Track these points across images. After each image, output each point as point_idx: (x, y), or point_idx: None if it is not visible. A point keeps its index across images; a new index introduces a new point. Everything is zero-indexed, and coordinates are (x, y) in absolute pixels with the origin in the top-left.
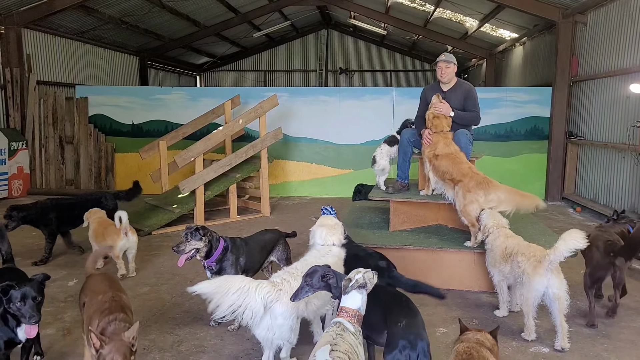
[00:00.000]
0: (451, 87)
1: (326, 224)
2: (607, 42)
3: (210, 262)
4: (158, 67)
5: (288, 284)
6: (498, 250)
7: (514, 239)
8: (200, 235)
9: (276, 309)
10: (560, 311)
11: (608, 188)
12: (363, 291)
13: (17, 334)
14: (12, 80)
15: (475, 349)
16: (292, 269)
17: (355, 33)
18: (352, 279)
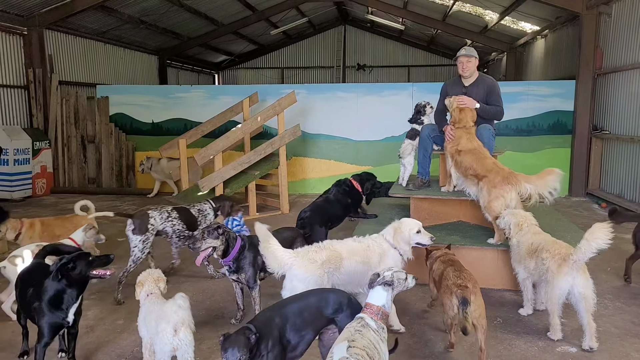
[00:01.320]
0: (473, 82)
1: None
2: (632, 34)
3: (227, 261)
4: (177, 66)
5: (314, 253)
6: (524, 246)
7: (542, 235)
8: (217, 233)
9: (293, 271)
10: (587, 310)
11: (634, 183)
12: (389, 289)
13: (67, 317)
14: (34, 81)
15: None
16: (327, 244)
17: (373, 29)
18: (380, 274)
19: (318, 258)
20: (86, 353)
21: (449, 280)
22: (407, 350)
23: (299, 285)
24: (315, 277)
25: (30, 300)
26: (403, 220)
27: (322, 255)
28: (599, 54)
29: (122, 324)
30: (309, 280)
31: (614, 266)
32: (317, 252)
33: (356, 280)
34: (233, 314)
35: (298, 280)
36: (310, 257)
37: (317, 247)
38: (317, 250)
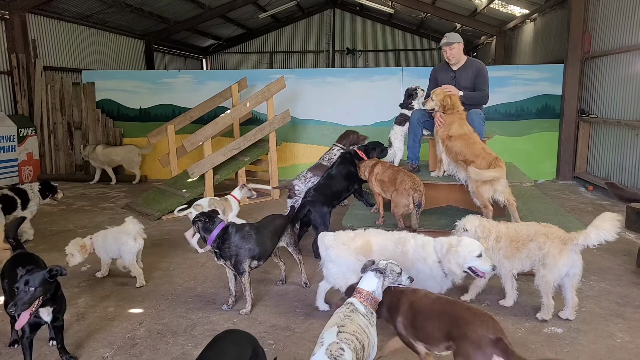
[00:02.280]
0: (461, 66)
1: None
2: (621, 18)
3: (209, 242)
4: (164, 51)
5: (349, 239)
6: (506, 241)
7: (518, 225)
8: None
9: (329, 252)
10: (574, 287)
11: (621, 166)
12: (380, 276)
13: (41, 317)
14: (18, 66)
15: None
16: (365, 233)
17: (362, 12)
18: (375, 262)
19: (352, 244)
20: (77, 341)
21: (406, 184)
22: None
23: (331, 267)
24: (348, 262)
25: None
26: (463, 240)
27: (356, 243)
28: (587, 37)
29: (113, 311)
30: (341, 263)
31: (600, 248)
32: (353, 238)
33: None
34: (225, 300)
35: (332, 261)
36: (345, 241)
37: (355, 233)
38: (353, 236)
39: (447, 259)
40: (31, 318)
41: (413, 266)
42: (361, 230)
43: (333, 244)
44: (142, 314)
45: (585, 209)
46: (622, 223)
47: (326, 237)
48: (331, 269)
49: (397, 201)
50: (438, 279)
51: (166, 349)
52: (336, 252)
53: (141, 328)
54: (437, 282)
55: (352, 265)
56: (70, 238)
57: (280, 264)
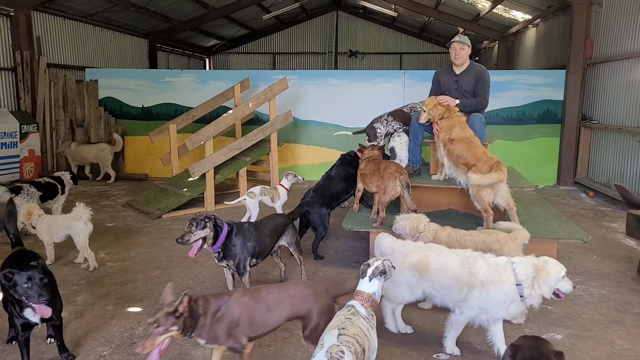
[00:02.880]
0: (464, 70)
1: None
2: (623, 24)
3: (215, 248)
4: (167, 50)
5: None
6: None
7: (459, 234)
8: (204, 223)
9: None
10: None
11: (622, 173)
12: (381, 278)
13: (28, 318)
14: (22, 63)
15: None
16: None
17: (365, 15)
18: (371, 265)
19: (408, 260)
20: (75, 339)
21: (390, 169)
22: (396, 337)
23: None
24: (402, 277)
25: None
26: (549, 261)
27: (411, 258)
28: (589, 43)
29: (112, 309)
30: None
31: (600, 254)
32: (410, 252)
33: (446, 295)
34: None
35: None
36: (403, 254)
37: (413, 246)
38: (410, 250)
39: (536, 282)
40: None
41: (484, 289)
42: (420, 244)
43: (389, 252)
44: (140, 312)
45: (586, 214)
46: (623, 230)
47: (384, 241)
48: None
49: (384, 186)
50: (514, 304)
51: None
52: (385, 238)
53: (139, 327)
54: (513, 307)
55: (405, 280)
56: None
57: (281, 264)
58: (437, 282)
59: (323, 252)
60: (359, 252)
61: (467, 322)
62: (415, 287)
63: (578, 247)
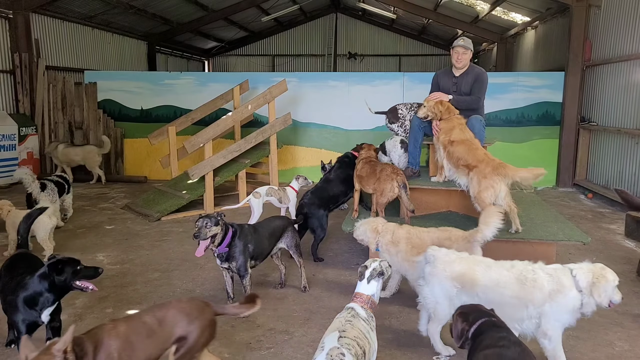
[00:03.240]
0: (463, 72)
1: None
2: (622, 26)
3: (222, 249)
4: (166, 52)
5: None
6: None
7: (418, 231)
8: (216, 220)
9: (426, 269)
10: None
11: (620, 174)
12: (380, 279)
13: (41, 317)
14: (20, 66)
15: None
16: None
17: (364, 17)
18: (368, 266)
19: (449, 269)
20: None
21: (387, 171)
22: (396, 339)
23: (424, 286)
24: (445, 286)
25: (5, 291)
26: (606, 268)
27: (454, 268)
28: (588, 45)
29: (111, 312)
30: (436, 285)
31: (599, 256)
32: (454, 262)
33: (502, 313)
34: (223, 303)
35: (425, 281)
36: (445, 262)
37: (459, 257)
38: (454, 260)
39: (595, 289)
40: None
41: (553, 301)
42: (464, 254)
43: (431, 260)
44: None
45: (585, 216)
46: (622, 232)
47: (429, 250)
48: (423, 288)
49: (381, 188)
50: (573, 314)
51: None
52: (431, 271)
53: None
54: (571, 316)
55: (445, 290)
56: (68, 238)
57: (281, 267)
58: (488, 300)
59: (322, 254)
60: (358, 254)
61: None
62: (455, 299)
63: (577, 249)
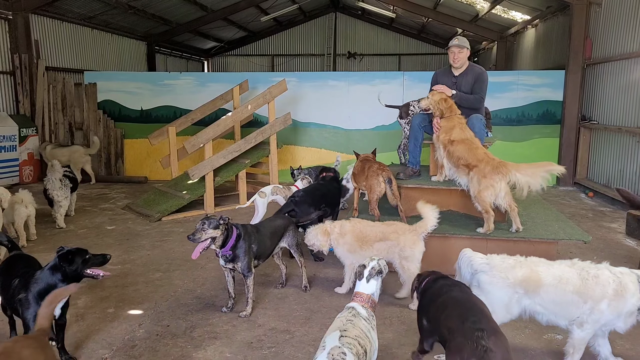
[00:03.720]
0: (463, 72)
1: None
2: (622, 24)
3: (226, 251)
4: (166, 53)
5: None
6: (351, 238)
7: (363, 225)
8: (217, 223)
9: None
10: (416, 269)
11: (621, 173)
12: (379, 278)
13: (55, 308)
14: (20, 66)
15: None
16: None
17: (364, 16)
18: (367, 265)
19: (511, 275)
20: (76, 341)
21: (373, 167)
22: (397, 338)
23: (479, 295)
24: (501, 294)
25: (16, 291)
26: None
27: (516, 273)
28: (588, 44)
29: (113, 312)
30: (491, 293)
31: (600, 255)
32: (514, 267)
33: (561, 312)
34: (224, 302)
35: (479, 288)
36: (503, 270)
37: (515, 261)
38: (513, 265)
39: None
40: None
41: (613, 300)
42: (520, 258)
43: (485, 269)
44: (141, 315)
45: (586, 215)
46: (623, 230)
47: (475, 257)
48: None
49: (370, 185)
50: (625, 318)
51: (165, 350)
52: (489, 280)
53: (140, 329)
54: (621, 320)
55: (505, 299)
56: (70, 238)
57: (282, 266)
58: (549, 299)
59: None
60: None
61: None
62: (515, 305)
63: (578, 248)
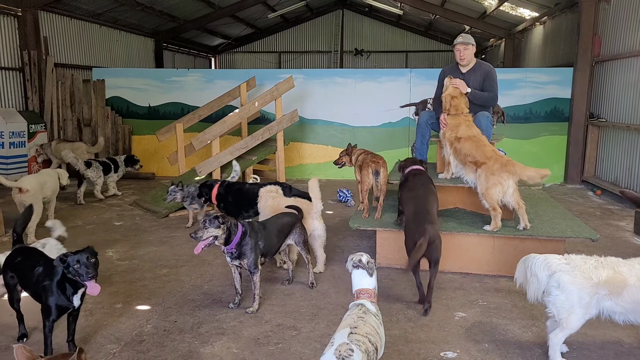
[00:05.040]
0: (470, 69)
1: None
2: (631, 21)
3: (231, 248)
4: (173, 49)
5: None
6: (268, 209)
7: (278, 199)
8: (219, 222)
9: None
10: (320, 245)
11: (630, 170)
12: (375, 272)
13: (73, 301)
14: (30, 63)
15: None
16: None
17: (371, 13)
18: (362, 260)
19: (595, 275)
20: (85, 336)
21: (367, 160)
22: (403, 335)
23: (559, 294)
24: (583, 294)
25: (40, 278)
26: None
27: (600, 274)
28: (597, 41)
29: (121, 307)
30: (573, 293)
31: (608, 253)
32: (597, 267)
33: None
34: (231, 299)
35: (560, 287)
36: (586, 270)
37: (596, 261)
38: (597, 265)
39: None
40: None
41: None
42: (599, 258)
43: (566, 268)
44: (149, 311)
45: (594, 213)
46: (631, 229)
47: (552, 258)
48: (558, 297)
49: (361, 176)
50: None
51: (173, 346)
52: (571, 280)
53: (148, 325)
54: None
55: (585, 299)
56: (78, 234)
57: (289, 263)
58: (632, 299)
59: (330, 251)
60: (365, 250)
61: None
62: (595, 305)
63: (586, 246)
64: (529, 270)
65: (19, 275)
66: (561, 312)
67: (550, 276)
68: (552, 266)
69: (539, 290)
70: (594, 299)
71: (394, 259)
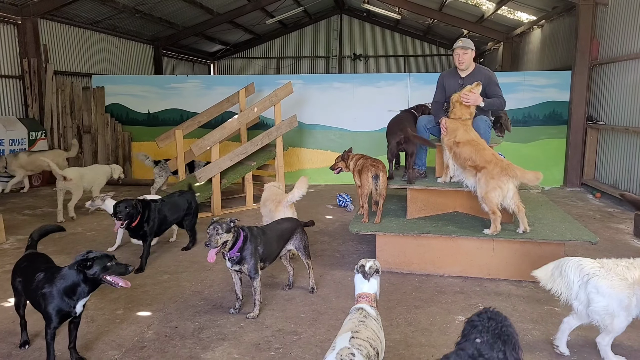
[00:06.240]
0: (469, 73)
1: None
2: (629, 24)
3: (234, 253)
4: (172, 56)
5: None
6: (270, 201)
7: (271, 190)
8: (229, 227)
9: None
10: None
11: (629, 173)
12: (377, 277)
13: (76, 307)
14: (29, 71)
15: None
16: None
17: (369, 18)
18: (365, 265)
19: (629, 276)
20: (87, 343)
21: (367, 164)
22: (404, 340)
23: (600, 300)
24: (622, 296)
25: (40, 285)
26: None
27: (634, 274)
28: (595, 44)
29: (122, 314)
30: (613, 297)
31: (607, 256)
32: (629, 268)
33: None
34: (232, 304)
35: (600, 293)
36: (620, 272)
37: (629, 262)
38: (628, 266)
39: None
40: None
41: None
42: (628, 259)
43: (602, 273)
44: (150, 317)
45: (593, 216)
46: (631, 231)
47: (585, 262)
48: (599, 303)
49: (361, 180)
50: None
51: (174, 351)
52: (609, 284)
53: (149, 331)
54: None
55: (625, 300)
56: (78, 241)
57: (289, 268)
58: None
59: (329, 255)
60: (365, 255)
61: None
62: (635, 306)
63: (586, 249)
64: (558, 273)
65: (22, 280)
66: (605, 318)
67: (585, 282)
68: (585, 269)
69: (571, 295)
70: (633, 300)
71: (394, 263)
